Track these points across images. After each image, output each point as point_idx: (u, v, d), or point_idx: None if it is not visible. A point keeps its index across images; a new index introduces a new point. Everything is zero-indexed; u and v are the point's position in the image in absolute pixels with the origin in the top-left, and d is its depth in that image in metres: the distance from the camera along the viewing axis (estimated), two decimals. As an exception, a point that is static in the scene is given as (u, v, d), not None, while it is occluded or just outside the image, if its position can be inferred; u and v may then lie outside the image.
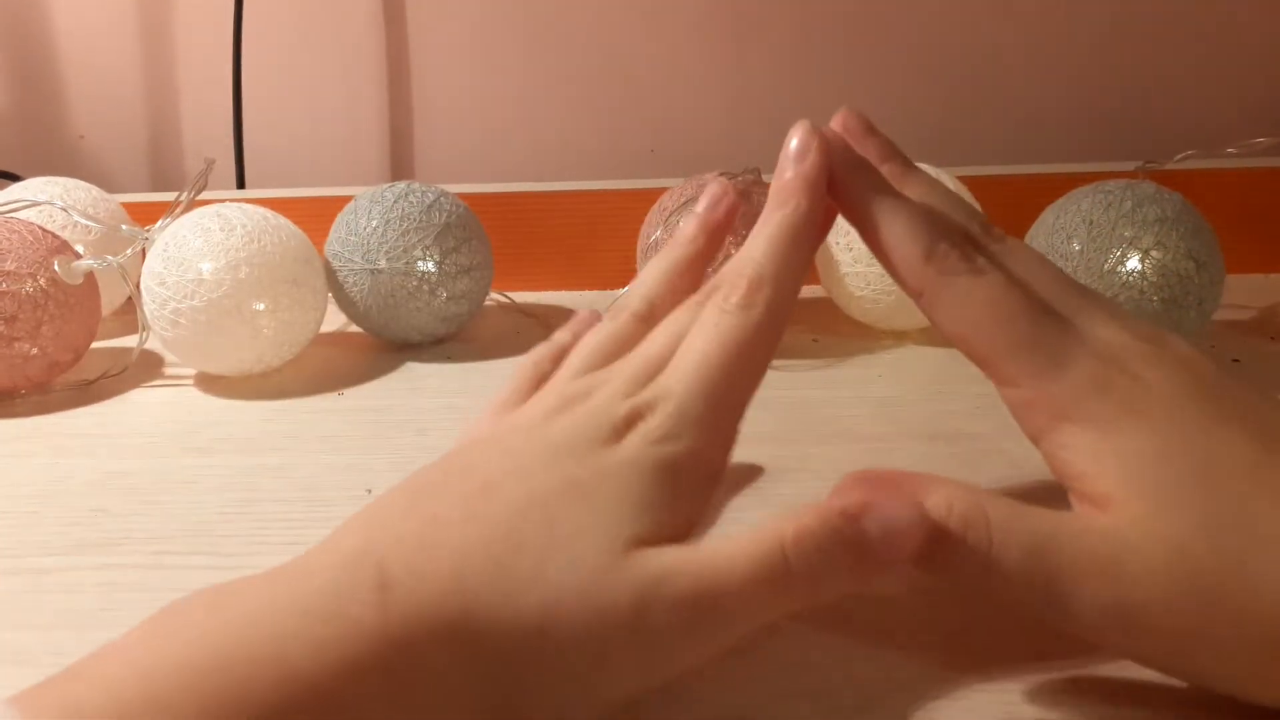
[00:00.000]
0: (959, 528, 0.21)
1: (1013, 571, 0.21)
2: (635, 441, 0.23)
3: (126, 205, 0.59)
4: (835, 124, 0.28)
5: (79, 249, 0.48)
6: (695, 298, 0.27)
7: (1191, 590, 0.20)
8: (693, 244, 0.29)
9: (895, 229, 0.26)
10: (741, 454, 0.37)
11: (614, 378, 0.25)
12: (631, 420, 0.23)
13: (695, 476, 0.23)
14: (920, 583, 0.28)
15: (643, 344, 0.26)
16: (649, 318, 0.27)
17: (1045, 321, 0.23)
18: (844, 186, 0.27)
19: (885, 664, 0.25)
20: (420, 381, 0.47)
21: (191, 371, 0.49)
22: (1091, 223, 0.43)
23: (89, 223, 0.52)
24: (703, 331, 0.25)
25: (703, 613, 0.21)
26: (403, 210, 0.48)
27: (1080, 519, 0.22)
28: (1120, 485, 0.22)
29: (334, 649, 0.19)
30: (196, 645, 0.19)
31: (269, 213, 0.47)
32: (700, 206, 0.30)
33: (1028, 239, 0.47)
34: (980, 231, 0.26)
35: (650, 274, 0.28)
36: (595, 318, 0.30)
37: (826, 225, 0.29)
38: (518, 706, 0.20)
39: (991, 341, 0.24)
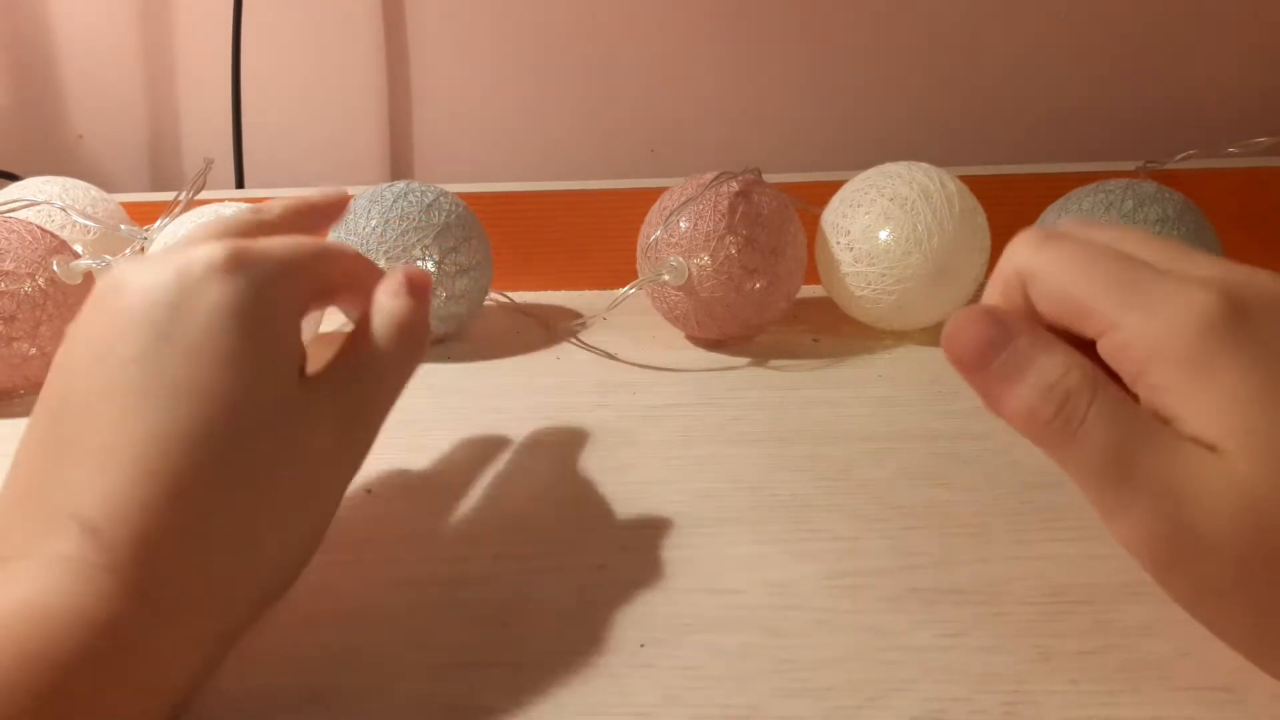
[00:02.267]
0: (1063, 393, 0.22)
1: (1091, 455, 0.21)
2: (208, 292, 0.25)
3: (125, 205, 0.59)
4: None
5: (78, 249, 0.48)
6: None
7: (1256, 544, 0.20)
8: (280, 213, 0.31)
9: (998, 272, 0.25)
10: (742, 453, 0.37)
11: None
12: (196, 269, 0.25)
13: (282, 315, 0.26)
14: (919, 583, 0.28)
15: None
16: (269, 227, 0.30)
17: (1137, 265, 0.23)
18: None
19: (885, 664, 0.25)
20: (419, 381, 0.47)
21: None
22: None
23: (88, 222, 0.52)
24: None
25: (380, 387, 0.28)
26: (402, 210, 0.48)
27: (1176, 442, 0.21)
28: (1214, 428, 0.21)
29: (80, 587, 0.21)
30: None
31: (268, 212, 0.47)
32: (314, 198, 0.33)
33: (1028, 239, 0.46)
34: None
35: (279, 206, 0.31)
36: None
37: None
38: (262, 555, 0.24)
39: (1088, 288, 0.22)
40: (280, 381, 0.25)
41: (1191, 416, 0.21)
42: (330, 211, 0.33)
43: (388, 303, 0.29)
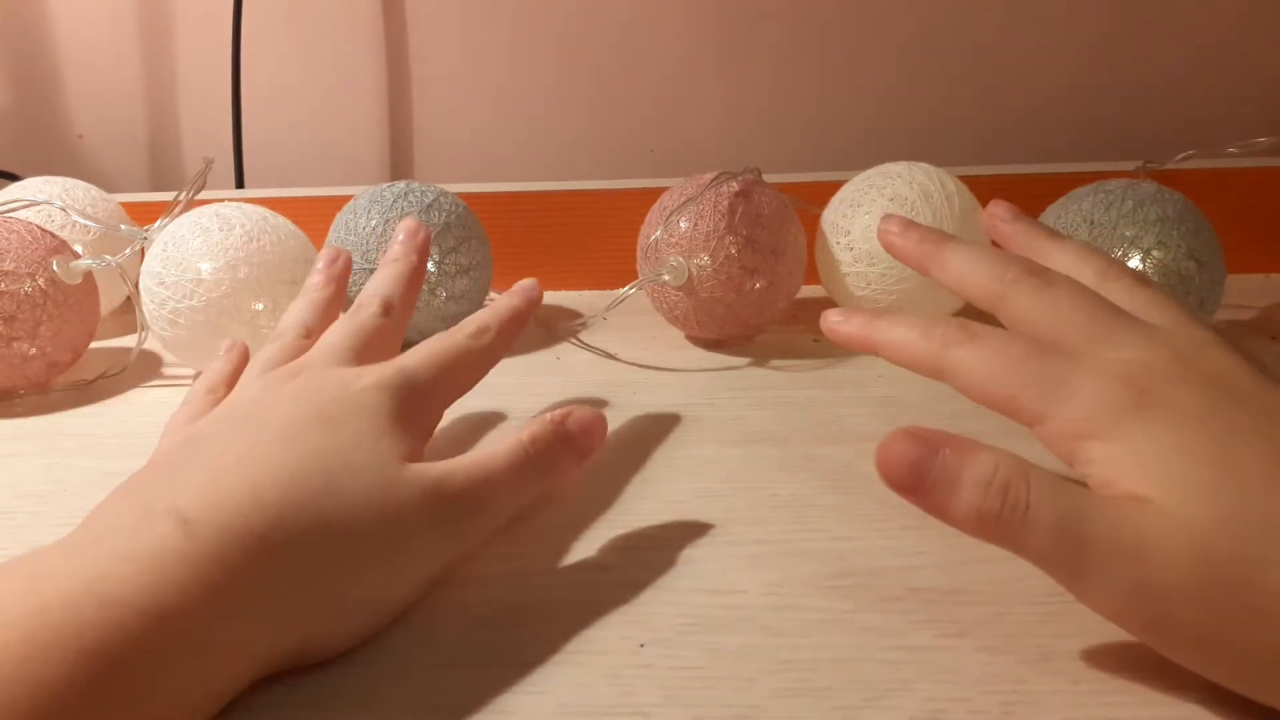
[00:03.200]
0: (1001, 487, 0.23)
1: (1044, 537, 0.22)
2: (370, 381, 0.30)
3: (125, 205, 0.59)
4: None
5: (78, 249, 0.48)
6: (343, 317, 0.35)
7: (1212, 583, 0.21)
8: (324, 290, 0.37)
9: (894, 334, 0.28)
10: (742, 453, 0.37)
11: (316, 354, 0.32)
12: (360, 374, 0.30)
13: (419, 413, 0.31)
14: (919, 583, 0.28)
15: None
16: (310, 336, 0.35)
17: (1050, 357, 0.25)
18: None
19: (885, 664, 0.25)
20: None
21: (191, 371, 0.49)
22: (1093, 222, 0.43)
23: (88, 222, 0.52)
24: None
25: (478, 495, 0.28)
26: (402, 210, 0.48)
27: (1115, 503, 0.22)
28: (1142, 481, 0.22)
29: (151, 577, 0.21)
30: (11, 597, 0.20)
31: (268, 212, 0.47)
32: (320, 264, 0.38)
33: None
34: (1016, 274, 0.28)
35: (299, 307, 0.36)
36: (243, 347, 0.37)
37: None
38: (330, 599, 0.24)
39: (1007, 389, 0.25)
40: (389, 458, 0.27)
41: (1123, 478, 0.22)
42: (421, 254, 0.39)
43: (536, 431, 0.31)
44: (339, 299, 0.38)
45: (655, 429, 0.40)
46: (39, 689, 0.19)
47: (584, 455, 0.32)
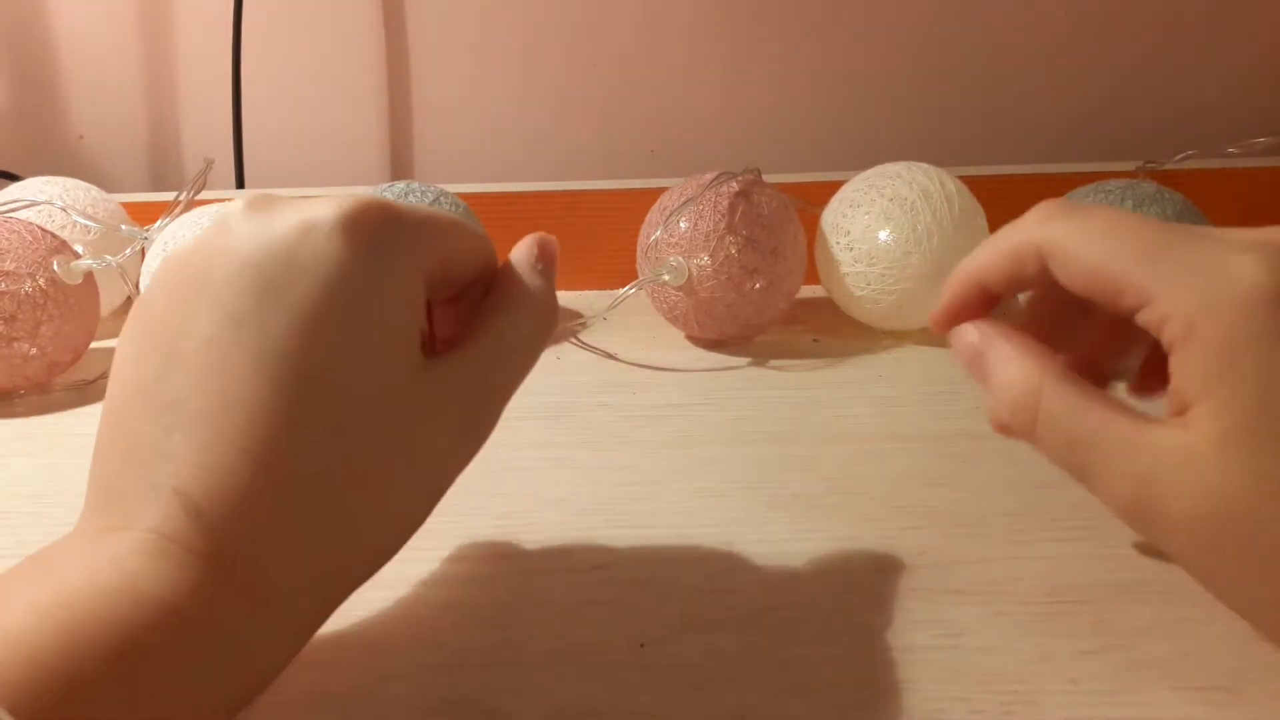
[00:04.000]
0: (1010, 403, 0.24)
1: (1048, 450, 0.24)
2: (330, 243, 0.22)
3: (126, 205, 0.59)
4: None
5: (78, 249, 0.48)
6: None
7: (1216, 540, 0.20)
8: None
9: (977, 258, 0.26)
10: (742, 452, 0.37)
11: None
12: (322, 221, 0.23)
13: (413, 251, 0.24)
14: (919, 583, 0.28)
15: None
16: None
17: (1171, 229, 0.22)
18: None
19: (885, 664, 0.25)
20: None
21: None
22: (1092, 222, 0.43)
23: (88, 222, 0.52)
24: None
25: (512, 377, 0.26)
26: (402, 210, 0.48)
27: (1134, 428, 0.22)
28: (1205, 412, 0.20)
29: (177, 575, 0.20)
30: (39, 585, 0.19)
31: (269, 212, 0.47)
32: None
33: (1028, 239, 0.46)
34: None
35: None
36: None
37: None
38: (363, 542, 0.22)
39: (1119, 261, 0.22)
40: (399, 366, 0.22)
41: (1199, 402, 0.21)
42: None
43: (527, 278, 0.26)
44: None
45: (655, 429, 0.40)
46: (75, 685, 0.18)
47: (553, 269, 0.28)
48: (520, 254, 0.27)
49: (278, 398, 0.21)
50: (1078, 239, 0.23)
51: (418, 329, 0.23)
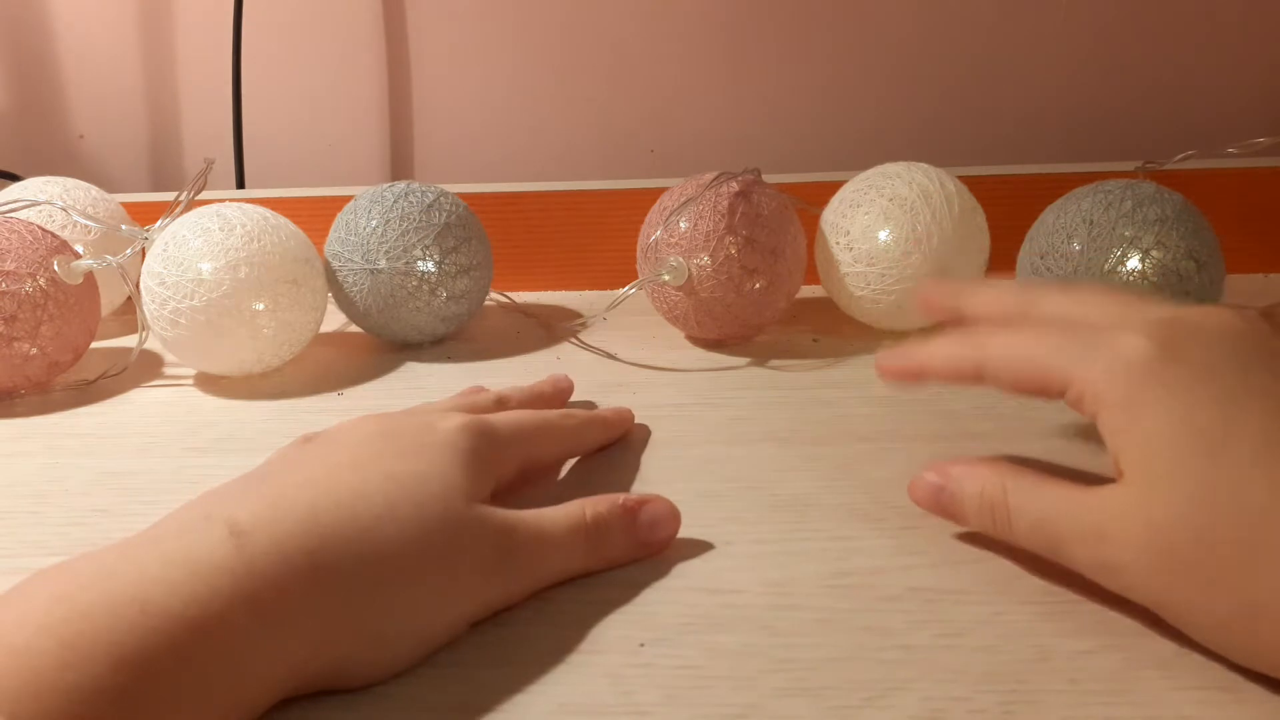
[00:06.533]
0: (987, 507, 0.28)
1: (1025, 536, 0.27)
2: (452, 424, 0.30)
3: (126, 205, 0.59)
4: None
5: (79, 249, 0.48)
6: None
7: (1165, 564, 0.23)
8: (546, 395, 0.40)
9: (938, 355, 0.30)
10: (742, 452, 0.37)
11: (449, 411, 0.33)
12: (446, 417, 0.30)
13: (493, 461, 0.30)
14: (919, 583, 0.28)
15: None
16: (502, 404, 0.37)
17: (1080, 329, 0.27)
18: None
19: (885, 663, 0.25)
20: (420, 381, 0.47)
21: (191, 371, 0.49)
22: (1092, 223, 0.43)
23: (89, 222, 0.52)
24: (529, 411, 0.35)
25: (537, 551, 0.28)
26: (402, 210, 0.48)
27: (1083, 493, 0.25)
28: (1128, 462, 0.24)
29: (196, 585, 0.21)
30: (56, 600, 0.21)
31: (268, 212, 0.47)
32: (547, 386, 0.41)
33: (1027, 239, 0.46)
34: (1034, 294, 0.30)
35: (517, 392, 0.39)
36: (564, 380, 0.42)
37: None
38: (374, 626, 0.24)
39: (1040, 362, 0.27)
40: (452, 497, 0.27)
41: (1119, 455, 0.25)
42: (560, 398, 0.41)
43: (591, 523, 0.29)
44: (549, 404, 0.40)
45: (655, 429, 0.40)
46: (74, 695, 0.19)
47: (647, 551, 0.30)
48: (608, 504, 0.30)
49: (356, 479, 0.26)
50: (1001, 353, 0.28)
51: (481, 494, 0.28)
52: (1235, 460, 0.23)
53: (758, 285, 0.46)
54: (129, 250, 0.48)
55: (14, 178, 0.64)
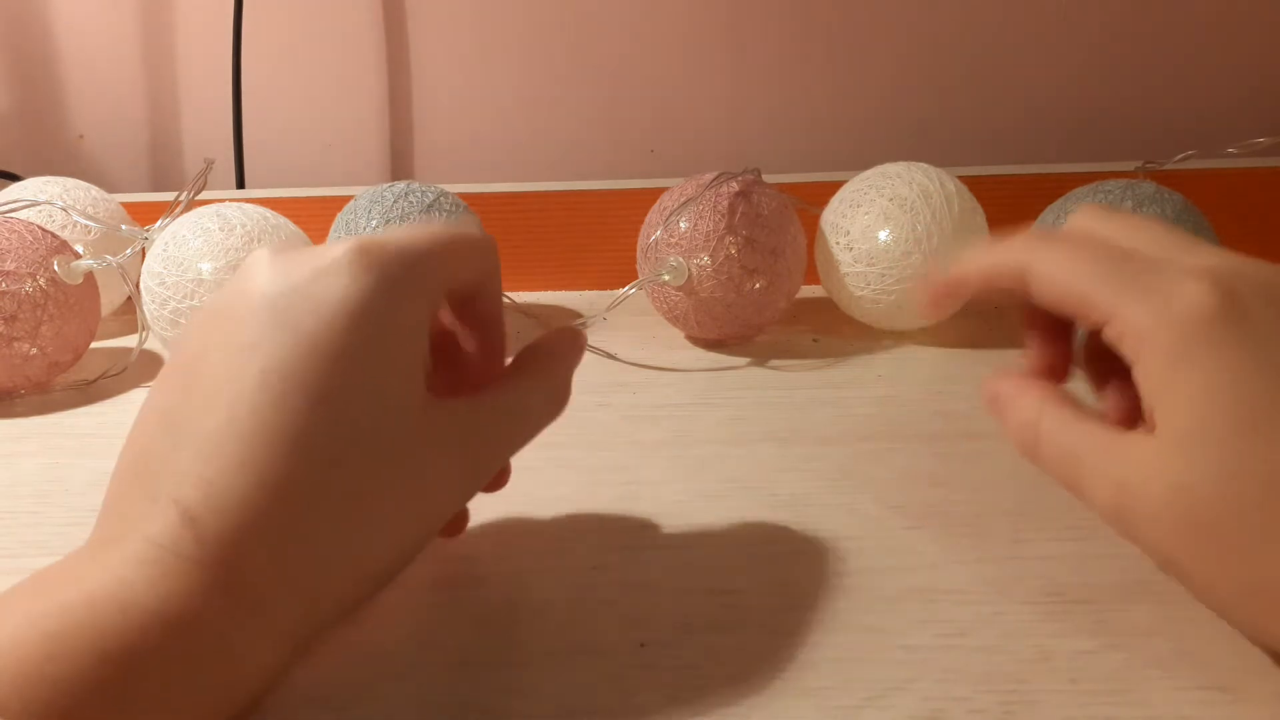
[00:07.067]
0: (1021, 426, 0.27)
1: (1048, 467, 0.26)
2: (334, 257, 0.24)
3: (126, 205, 0.59)
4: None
5: (79, 249, 0.48)
6: None
7: (1183, 527, 0.22)
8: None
9: (976, 264, 0.29)
10: (742, 452, 0.37)
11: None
12: (315, 254, 0.25)
13: (420, 290, 0.25)
14: (919, 583, 0.28)
15: None
16: None
17: (1133, 257, 0.25)
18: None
19: (885, 663, 0.25)
20: (420, 381, 0.47)
21: (191, 371, 0.49)
22: (1092, 223, 0.43)
23: (89, 222, 0.52)
24: None
25: (513, 437, 0.27)
26: (403, 210, 0.48)
27: (1112, 438, 0.24)
28: (1163, 416, 0.23)
29: (166, 583, 0.21)
30: (36, 596, 0.20)
31: (269, 212, 0.47)
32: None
33: (1028, 239, 0.46)
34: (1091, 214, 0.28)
35: None
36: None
37: None
38: (355, 565, 0.23)
39: (1081, 286, 0.25)
40: (401, 395, 0.24)
41: (1158, 408, 0.23)
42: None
43: (553, 361, 0.29)
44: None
45: (655, 429, 0.40)
46: (60, 686, 0.19)
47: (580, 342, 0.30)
48: (552, 341, 0.29)
49: (279, 413, 0.22)
50: (1050, 265, 0.25)
51: (421, 364, 0.25)
52: (1272, 428, 0.21)
53: (758, 285, 0.46)
54: (129, 250, 0.48)
55: (14, 178, 0.64)
